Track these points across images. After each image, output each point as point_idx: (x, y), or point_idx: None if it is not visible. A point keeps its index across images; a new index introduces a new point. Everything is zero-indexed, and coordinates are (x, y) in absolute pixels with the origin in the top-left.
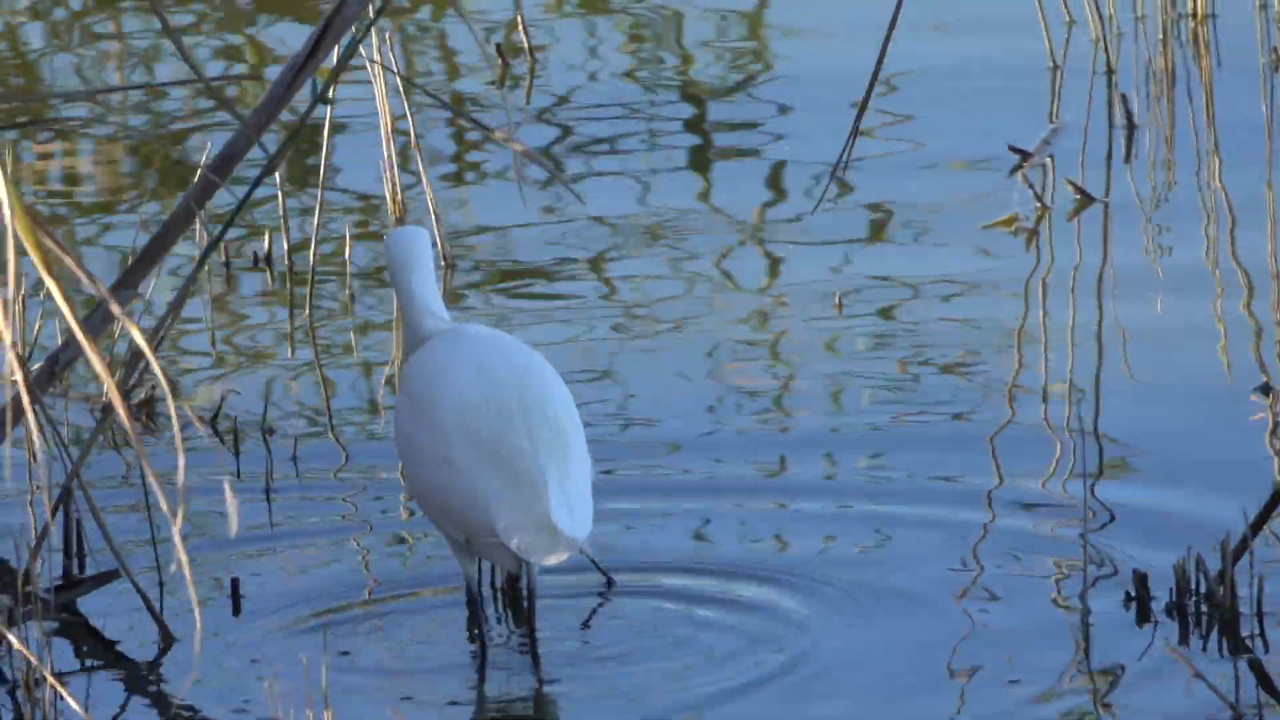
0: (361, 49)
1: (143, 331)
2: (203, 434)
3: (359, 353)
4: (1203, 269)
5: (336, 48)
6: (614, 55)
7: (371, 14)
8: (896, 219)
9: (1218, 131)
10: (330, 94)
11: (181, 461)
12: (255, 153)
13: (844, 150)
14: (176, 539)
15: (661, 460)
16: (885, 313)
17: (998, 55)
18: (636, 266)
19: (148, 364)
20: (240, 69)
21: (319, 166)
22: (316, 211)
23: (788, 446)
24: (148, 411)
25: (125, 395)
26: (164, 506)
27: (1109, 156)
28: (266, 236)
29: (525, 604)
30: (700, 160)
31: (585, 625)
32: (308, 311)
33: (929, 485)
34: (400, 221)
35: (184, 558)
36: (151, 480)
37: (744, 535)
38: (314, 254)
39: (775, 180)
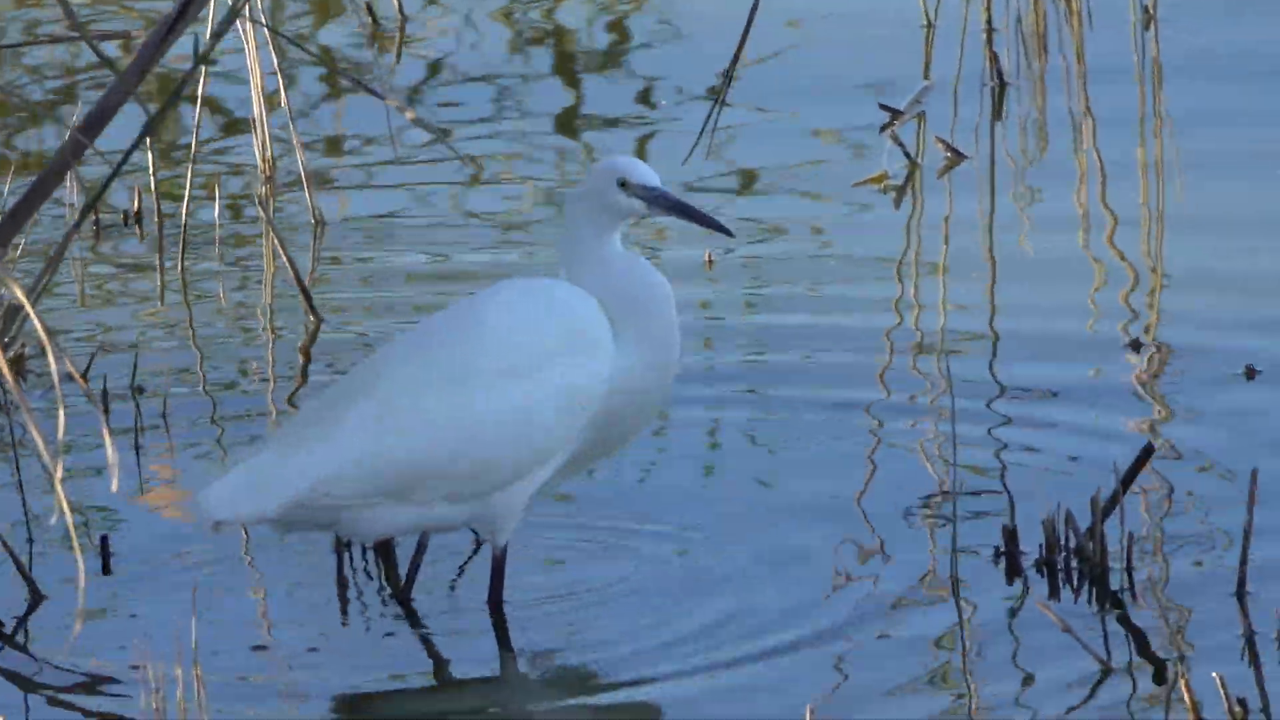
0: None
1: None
2: (83, 391)
3: (230, 310)
4: (1074, 219)
5: (213, 4)
6: (487, 23)
7: None
8: (767, 178)
9: (1089, 89)
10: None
11: (62, 415)
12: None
13: (711, 113)
14: (59, 489)
15: None
16: (754, 268)
17: (869, 11)
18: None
19: (20, 321)
20: (118, 24)
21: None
22: (189, 173)
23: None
24: (17, 370)
25: (4, 349)
26: (44, 455)
27: (983, 114)
28: (135, 194)
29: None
30: (569, 128)
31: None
32: (180, 269)
33: (805, 440)
34: (269, 181)
35: (66, 506)
36: (35, 433)
37: (620, 476)
38: (185, 212)
39: (642, 150)
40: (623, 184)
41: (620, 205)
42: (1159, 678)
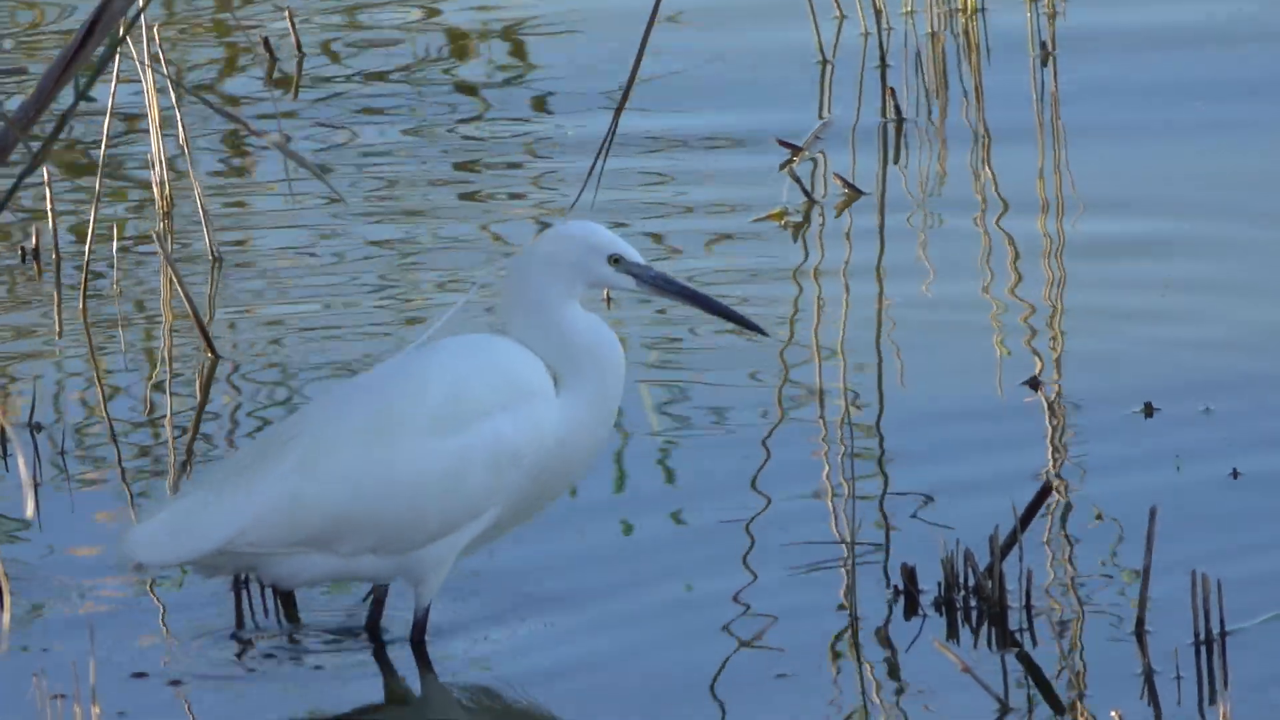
0: (133, 45)
1: None
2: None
3: (128, 346)
4: (973, 260)
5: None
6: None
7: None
8: (667, 210)
9: (988, 124)
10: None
11: None
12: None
13: (600, 151)
14: None
15: None
16: (658, 310)
17: (768, 49)
18: (408, 251)
19: None
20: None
21: (98, 160)
22: (94, 209)
23: None
24: None
25: None
26: None
27: (881, 150)
28: (34, 230)
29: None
30: (469, 166)
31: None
32: (82, 305)
33: (698, 481)
34: (168, 218)
35: None
36: None
37: None
38: (89, 249)
39: (539, 188)
40: (615, 260)
41: (603, 278)
42: (1058, 717)
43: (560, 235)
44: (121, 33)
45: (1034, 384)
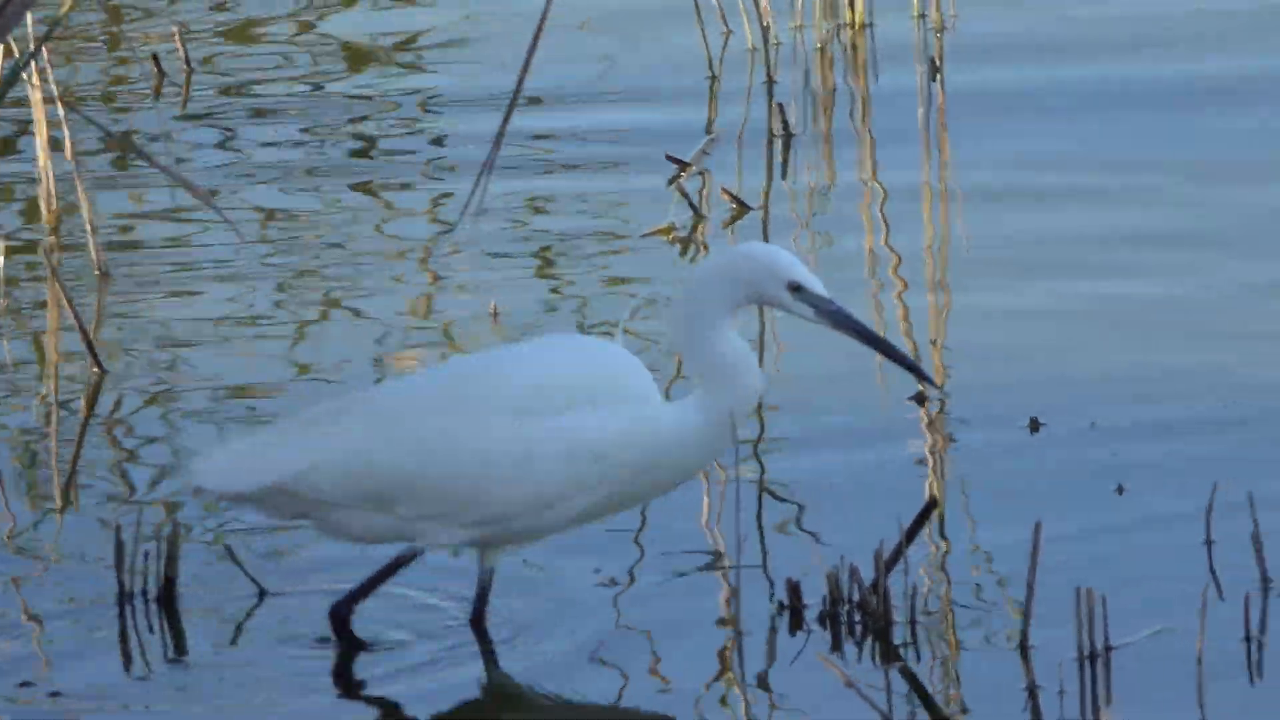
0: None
1: None
2: None
3: (11, 361)
4: (859, 276)
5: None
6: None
7: (30, 22)
8: (556, 229)
9: (874, 139)
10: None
11: None
12: None
13: (483, 171)
14: None
15: None
16: (542, 322)
17: (656, 64)
18: (306, 264)
19: None
20: None
21: None
22: None
23: None
24: None
25: None
26: None
27: (768, 166)
28: None
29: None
30: (365, 187)
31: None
32: None
33: None
34: (55, 233)
35: None
36: None
37: None
38: None
39: (434, 207)
40: (795, 288)
41: (778, 302)
42: None
43: (744, 253)
44: (26, 60)
45: (920, 399)
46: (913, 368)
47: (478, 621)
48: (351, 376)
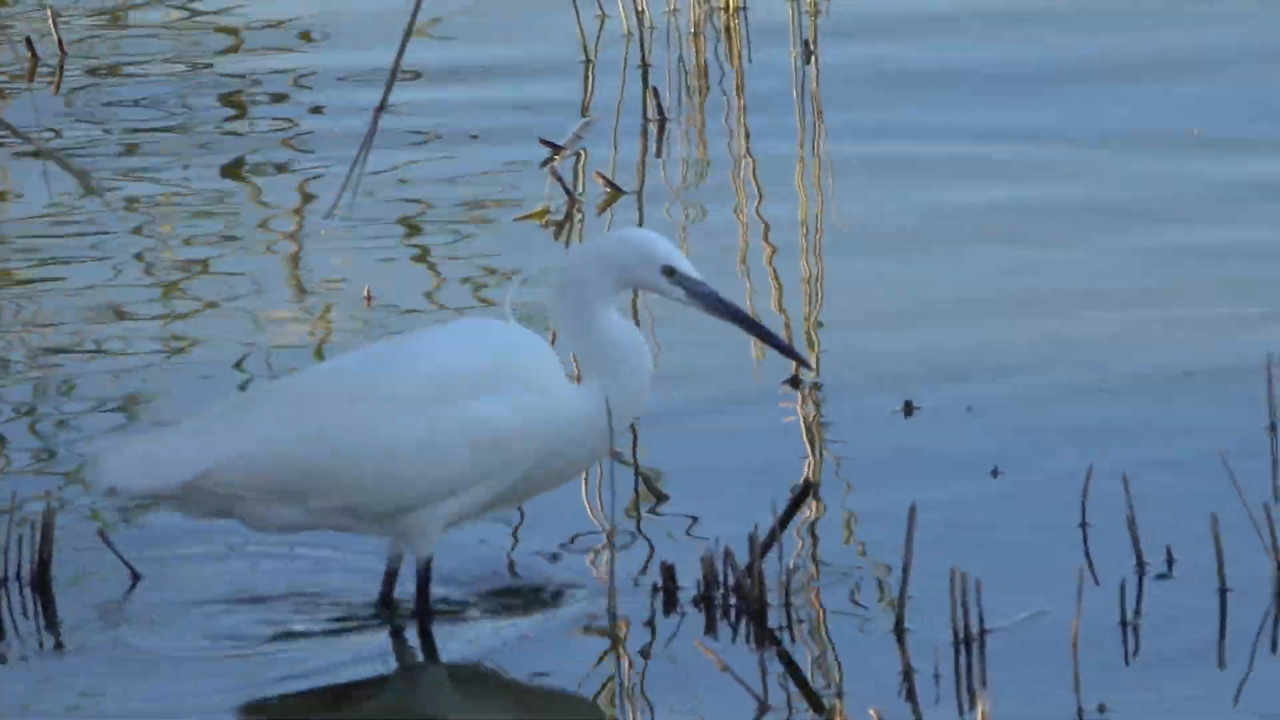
0: None
1: None
2: None
3: None
4: (732, 263)
5: None
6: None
7: None
8: (426, 207)
9: (748, 123)
10: None
11: None
12: None
13: (359, 155)
14: None
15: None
16: (417, 305)
17: (533, 49)
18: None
19: None
20: None
21: None
22: None
23: None
24: None
25: None
26: None
27: (642, 150)
28: None
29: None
30: (235, 173)
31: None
32: None
33: None
34: None
35: None
36: None
37: None
38: None
39: (304, 190)
40: (669, 271)
41: (653, 286)
42: (817, 716)
43: (618, 239)
44: None
45: (794, 382)
46: (787, 350)
47: (423, 617)
48: (220, 367)
